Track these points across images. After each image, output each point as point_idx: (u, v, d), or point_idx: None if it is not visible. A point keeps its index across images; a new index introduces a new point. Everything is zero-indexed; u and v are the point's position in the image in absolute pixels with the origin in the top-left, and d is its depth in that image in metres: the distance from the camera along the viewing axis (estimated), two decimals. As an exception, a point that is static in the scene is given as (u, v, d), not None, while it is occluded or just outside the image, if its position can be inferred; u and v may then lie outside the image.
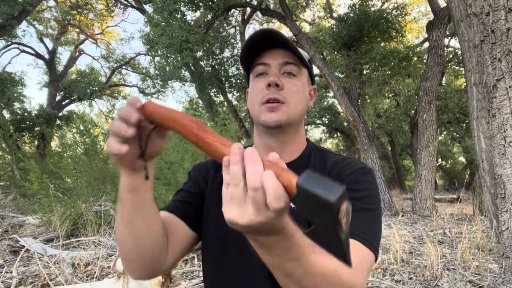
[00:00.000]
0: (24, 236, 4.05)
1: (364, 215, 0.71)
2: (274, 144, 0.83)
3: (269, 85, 0.77)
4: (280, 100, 0.77)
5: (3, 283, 2.58)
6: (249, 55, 0.82)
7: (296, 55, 0.81)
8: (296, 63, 0.81)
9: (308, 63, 0.85)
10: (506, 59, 2.26)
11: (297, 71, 0.81)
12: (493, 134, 2.39)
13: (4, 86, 11.39)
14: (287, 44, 0.78)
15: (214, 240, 0.81)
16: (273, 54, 0.80)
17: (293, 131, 0.84)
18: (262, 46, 0.80)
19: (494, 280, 2.40)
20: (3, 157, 8.76)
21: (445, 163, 18.11)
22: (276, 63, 0.80)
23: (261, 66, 0.81)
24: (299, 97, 0.81)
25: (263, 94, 0.78)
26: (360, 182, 0.76)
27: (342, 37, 8.53)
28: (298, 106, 0.81)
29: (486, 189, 3.53)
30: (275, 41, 0.78)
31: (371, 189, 0.76)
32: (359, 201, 0.72)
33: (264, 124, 0.79)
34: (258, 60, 0.82)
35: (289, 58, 0.80)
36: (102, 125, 14.74)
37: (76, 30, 15.49)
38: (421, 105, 6.81)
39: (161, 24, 7.76)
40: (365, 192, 0.75)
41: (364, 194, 0.74)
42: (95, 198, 4.83)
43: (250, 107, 0.84)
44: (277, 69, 0.80)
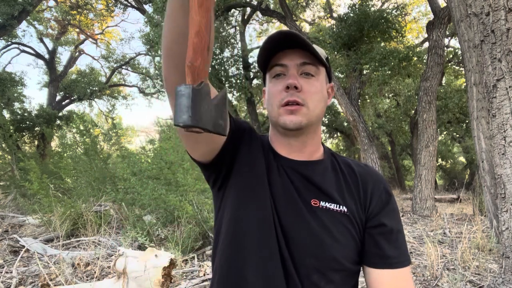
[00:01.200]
0: (24, 236, 4.05)
1: (403, 238, 0.80)
2: (295, 143, 0.84)
3: (288, 87, 0.77)
4: (300, 102, 0.77)
5: (3, 283, 2.58)
6: (267, 55, 0.82)
7: (313, 54, 0.80)
8: (313, 63, 0.81)
9: (326, 61, 0.85)
10: (506, 59, 2.26)
11: (315, 71, 0.81)
12: (493, 134, 2.39)
13: (4, 86, 11.38)
14: (305, 44, 0.78)
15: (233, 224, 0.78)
16: (290, 54, 0.80)
17: (312, 132, 0.84)
18: (279, 46, 0.80)
19: (494, 280, 2.40)
20: (3, 157, 8.76)
21: (445, 163, 18.11)
22: (294, 64, 0.79)
23: (279, 67, 0.81)
24: (318, 98, 0.81)
25: (282, 97, 0.78)
26: (393, 203, 0.82)
27: (342, 37, 8.53)
28: (318, 107, 0.81)
29: (486, 189, 3.53)
30: (293, 42, 0.78)
31: (398, 212, 0.84)
32: (398, 223, 0.80)
33: (284, 127, 0.79)
34: (275, 60, 0.82)
35: (306, 58, 0.80)
36: (102, 125, 14.74)
37: (76, 30, 15.49)
38: (421, 105, 6.81)
39: (161, 24, 7.76)
40: (397, 213, 0.82)
41: (398, 217, 0.82)
42: (95, 198, 4.83)
43: (268, 109, 0.84)
44: (295, 70, 0.79)
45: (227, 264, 0.77)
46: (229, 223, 0.78)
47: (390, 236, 0.78)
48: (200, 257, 3.43)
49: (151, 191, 3.83)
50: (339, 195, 0.80)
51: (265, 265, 0.73)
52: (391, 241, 0.78)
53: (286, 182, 0.79)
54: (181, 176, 4.09)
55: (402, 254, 0.77)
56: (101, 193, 4.76)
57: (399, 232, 0.79)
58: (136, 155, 5.34)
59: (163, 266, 2.13)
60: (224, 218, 0.80)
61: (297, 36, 0.76)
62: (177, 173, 4.20)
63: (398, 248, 0.77)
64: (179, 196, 3.85)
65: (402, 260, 0.76)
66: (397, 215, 0.82)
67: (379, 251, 0.77)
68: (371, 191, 0.81)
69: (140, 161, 4.90)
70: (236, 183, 0.80)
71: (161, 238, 3.72)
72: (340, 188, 0.82)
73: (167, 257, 2.18)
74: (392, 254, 0.77)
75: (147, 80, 16.13)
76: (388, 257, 0.76)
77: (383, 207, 0.80)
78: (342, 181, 0.83)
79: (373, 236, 0.79)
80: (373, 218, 0.80)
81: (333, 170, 0.85)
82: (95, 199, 4.80)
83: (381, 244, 0.78)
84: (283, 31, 0.77)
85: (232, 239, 0.77)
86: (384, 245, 0.78)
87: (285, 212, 0.76)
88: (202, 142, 0.74)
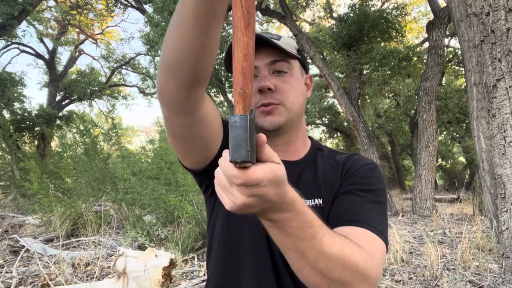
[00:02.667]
0: (24, 236, 4.05)
1: (375, 207, 0.71)
2: (279, 143, 0.81)
3: (261, 90, 0.74)
4: (274, 103, 0.75)
5: (3, 283, 2.58)
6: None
7: (282, 51, 0.77)
8: (284, 59, 0.77)
9: (297, 53, 0.81)
10: (506, 59, 2.26)
11: (287, 66, 0.78)
12: (493, 134, 2.39)
13: (4, 86, 11.37)
14: (271, 42, 0.75)
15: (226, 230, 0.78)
16: (258, 54, 0.75)
17: (295, 129, 0.81)
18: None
19: (494, 280, 2.40)
20: (3, 157, 8.76)
21: (445, 163, 18.10)
22: (264, 64, 0.76)
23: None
24: (295, 95, 0.78)
25: (256, 100, 0.75)
26: (371, 177, 0.77)
27: (342, 37, 8.53)
28: (295, 104, 0.78)
29: (486, 189, 3.53)
30: (259, 42, 0.73)
31: (381, 184, 0.77)
32: (371, 193, 0.73)
33: (263, 129, 0.76)
34: None
35: (275, 56, 0.76)
36: (102, 125, 14.74)
37: (76, 30, 15.48)
38: (421, 105, 6.81)
39: (161, 24, 7.76)
40: (376, 185, 0.75)
41: (376, 188, 0.75)
42: (95, 198, 4.83)
43: None
44: (266, 70, 0.76)
45: (221, 269, 0.78)
46: (221, 229, 0.79)
47: (350, 198, 0.73)
48: (200, 257, 3.43)
49: (151, 191, 3.83)
50: (315, 188, 0.78)
51: (258, 270, 0.74)
52: (350, 201, 0.72)
53: None
54: (181, 176, 4.09)
55: (360, 215, 0.68)
56: (101, 193, 4.76)
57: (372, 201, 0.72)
58: (136, 155, 5.34)
59: (163, 266, 2.13)
60: (217, 224, 0.81)
61: (260, 36, 0.72)
62: (177, 173, 4.20)
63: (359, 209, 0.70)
64: (179, 196, 3.85)
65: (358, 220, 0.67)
66: (374, 184, 0.75)
67: (335, 212, 0.73)
68: (347, 169, 0.79)
69: (140, 161, 4.90)
70: None
71: (161, 238, 3.72)
72: (317, 180, 0.80)
73: (167, 257, 2.18)
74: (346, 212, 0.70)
75: (147, 80, 16.14)
76: (342, 215, 0.70)
77: (351, 175, 0.77)
78: (320, 174, 0.81)
79: (335, 202, 0.75)
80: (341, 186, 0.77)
81: (313, 166, 0.83)
82: (95, 199, 4.80)
83: (337, 204, 0.74)
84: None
85: (225, 245, 0.78)
86: (340, 204, 0.73)
87: None
88: (196, 151, 0.71)
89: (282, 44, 0.76)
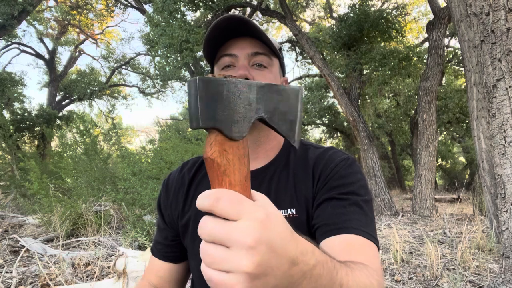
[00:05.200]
0: (24, 236, 4.05)
1: (359, 208, 0.67)
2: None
3: None
4: None
5: (3, 283, 2.58)
6: (214, 45, 0.72)
7: (266, 44, 0.72)
8: (266, 53, 0.73)
9: (279, 52, 0.77)
10: (506, 59, 2.26)
11: (268, 62, 0.74)
12: (493, 134, 2.39)
13: (4, 86, 11.37)
14: (256, 32, 0.69)
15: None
16: (240, 43, 0.71)
17: (266, 128, 0.72)
18: (228, 34, 0.70)
19: (494, 280, 2.40)
20: (3, 157, 8.75)
21: (445, 163, 18.10)
22: (245, 54, 0.71)
23: (227, 58, 0.72)
24: None
25: None
26: (349, 175, 0.71)
27: (342, 37, 8.53)
28: None
29: (486, 189, 3.53)
30: (243, 30, 0.69)
31: (361, 180, 0.72)
32: (352, 194, 0.68)
33: None
34: (224, 50, 0.72)
35: (258, 48, 0.72)
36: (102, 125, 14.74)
37: (76, 30, 15.48)
38: (421, 105, 6.81)
39: (161, 24, 7.76)
40: (356, 184, 0.70)
41: (356, 187, 0.70)
42: (95, 198, 4.83)
43: None
44: (246, 61, 0.71)
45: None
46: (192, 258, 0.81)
47: (332, 204, 0.67)
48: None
49: (151, 191, 3.83)
50: (287, 196, 0.73)
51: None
52: (332, 208, 0.67)
53: None
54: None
55: (346, 221, 0.64)
56: (101, 193, 4.76)
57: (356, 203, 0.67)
58: (136, 155, 5.34)
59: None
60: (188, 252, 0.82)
61: (247, 22, 0.66)
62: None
63: (344, 215, 0.65)
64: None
65: (345, 226, 0.63)
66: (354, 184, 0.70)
67: (319, 221, 0.67)
68: (320, 171, 0.73)
69: (140, 161, 4.90)
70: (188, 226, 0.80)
71: (161, 238, 3.71)
72: (289, 187, 0.74)
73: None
74: (332, 221, 0.65)
75: (147, 80, 16.14)
76: (328, 224, 0.65)
77: (327, 178, 0.71)
78: (291, 178, 0.75)
79: (317, 211, 0.69)
80: (318, 195, 0.71)
81: (283, 169, 0.77)
82: (95, 199, 4.80)
83: (319, 214, 0.68)
84: (230, 16, 0.66)
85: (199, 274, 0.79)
86: (323, 213, 0.67)
87: None
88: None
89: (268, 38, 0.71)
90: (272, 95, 0.43)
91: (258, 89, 0.41)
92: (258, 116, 0.41)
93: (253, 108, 0.41)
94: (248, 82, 0.40)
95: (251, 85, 0.40)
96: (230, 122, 0.38)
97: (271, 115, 0.43)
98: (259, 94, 0.41)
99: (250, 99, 0.40)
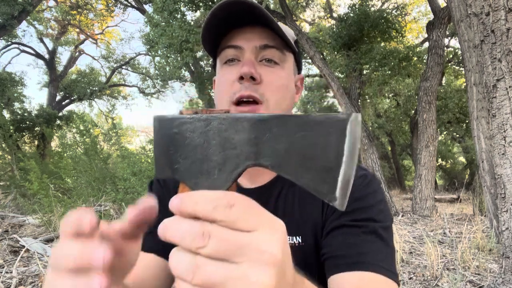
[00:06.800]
0: (24, 236, 4.05)
1: (378, 238, 0.57)
2: None
3: (242, 78, 0.57)
4: (257, 98, 0.57)
5: (3, 283, 2.58)
6: (216, 34, 0.60)
7: (278, 34, 0.59)
8: (278, 46, 0.60)
9: (295, 45, 0.64)
10: (506, 59, 2.26)
11: (280, 57, 0.61)
12: (493, 134, 2.39)
13: (4, 86, 11.38)
14: (267, 20, 0.55)
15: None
16: (247, 34, 0.59)
17: None
18: (232, 22, 0.58)
19: (494, 280, 2.40)
20: (3, 157, 8.76)
21: (445, 163, 18.10)
22: (252, 47, 0.59)
23: (232, 50, 0.60)
24: (283, 93, 0.61)
25: (234, 90, 0.58)
26: (366, 197, 0.60)
27: (342, 37, 8.53)
28: (282, 106, 0.61)
29: (486, 189, 3.53)
30: (250, 16, 0.56)
31: (380, 201, 0.61)
32: (371, 221, 0.58)
33: None
34: (228, 41, 0.60)
35: (269, 40, 0.59)
36: (102, 125, 14.74)
37: (76, 30, 15.48)
38: (421, 105, 6.81)
39: (161, 24, 7.76)
40: (375, 208, 0.60)
41: (375, 211, 0.59)
42: (95, 198, 4.83)
43: (217, 106, 0.62)
44: (253, 55, 0.59)
45: None
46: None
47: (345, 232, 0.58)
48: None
49: (151, 191, 3.83)
50: (292, 222, 0.62)
51: None
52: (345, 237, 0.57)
53: None
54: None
55: (362, 254, 0.54)
56: (101, 193, 4.76)
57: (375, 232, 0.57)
58: (136, 155, 5.34)
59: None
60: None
61: (256, 7, 0.53)
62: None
63: (359, 247, 0.55)
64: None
65: (361, 261, 0.53)
66: (372, 207, 0.60)
67: (330, 252, 0.57)
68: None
69: (140, 161, 4.90)
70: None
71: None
72: (294, 209, 0.63)
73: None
74: (344, 252, 0.55)
75: (147, 80, 16.14)
76: (340, 257, 0.55)
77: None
78: (298, 199, 0.64)
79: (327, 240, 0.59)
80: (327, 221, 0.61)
81: (291, 186, 0.65)
82: (95, 199, 4.80)
83: (330, 243, 0.58)
84: (233, 0, 0.53)
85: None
86: (334, 242, 0.57)
87: None
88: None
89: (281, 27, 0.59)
90: (283, 132, 0.28)
91: (254, 125, 0.29)
92: (251, 163, 0.29)
93: (241, 153, 0.29)
94: (233, 117, 0.29)
95: (239, 121, 0.29)
96: (195, 173, 0.30)
97: (279, 162, 0.28)
98: (256, 132, 0.29)
99: (235, 141, 0.29)
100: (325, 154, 0.27)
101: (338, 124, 0.27)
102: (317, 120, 0.27)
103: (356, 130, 0.27)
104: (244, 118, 0.29)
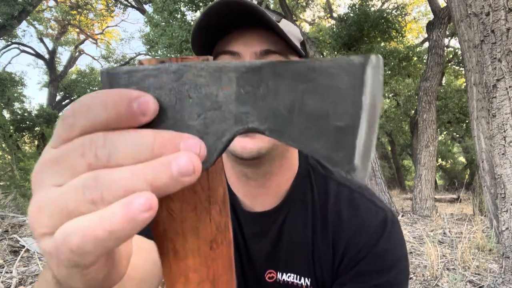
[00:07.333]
0: (24, 236, 4.05)
1: None
2: (254, 176, 0.56)
3: None
4: None
5: (3, 283, 2.58)
6: (210, 37, 0.52)
7: (280, 37, 0.51)
8: (281, 51, 0.52)
9: (301, 47, 0.55)
10: (506, 59, 2.26)
11: None
12: (493, 134, 2.39)
13: (4, 86, 11.39)
14: (267, 21, 0.48)
15: None
16: (246, 38, 0.51)
17: (280, 156, 0.55)
18: (229, 24, 0.50)
19: (494, 280, 2.40)
20: (3, 157, 8.76)
21: (445, 163, 18.11)
22: (251, 53, 0.51)
23: (228, 57, 0.52)
24: None
25: None
26: (387, 255, 0.53)
27: (342, 37, 8.54)
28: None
29: (486, 189, 3.53)
30: (249, 17, 0.49)
31: (402, 258, 0.54)
32: (390, 285, 0.52)
33: (235, 155, 0.51)
34: (224, 46, 0.52)
35: (271, 44, 0.51)
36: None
37: (76, 30, 15.49)
38: (421, 105, 6.82)
39: (161, 24, 7.77)
40: (395, 269, 0.53)
41: (395, 273, 0.53)
42: (95, 198, 4.83)
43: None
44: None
45: None
46: None
47: None
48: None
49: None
50: (304, 261, 0.55)
51: None
52: None
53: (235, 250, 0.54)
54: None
55: None
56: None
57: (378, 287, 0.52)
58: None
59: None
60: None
61: (255, 8, 0.47)
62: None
63: None
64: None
65: None
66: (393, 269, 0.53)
67: None
68: (345, 246, 0.54)
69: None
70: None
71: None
72: (306, 242, 0.56)
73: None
74: None
75: (147, 80, 16.17)
76: None
77: (356, 261, 0.53)
78: (310, 228, 0.56)
79: None
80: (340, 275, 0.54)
81: (299, 212, 0.57)
82: (95, 199, 4.81)
83: None
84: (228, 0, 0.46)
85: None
86: None
87: None
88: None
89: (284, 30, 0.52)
90: (282, 85, 0.21)
91: (243, 76, 0.21)
92: (242, 128, 0.22)
93: (228, 115, 0.22)
94: (215, 66, 0.21)
95: (223, 71, 0.21)
96: None
97: (279, 124, 0.21)
98: (246, 86, 0.21)
99: (219, 98, 0.21)
100: (339, 111, 0.21)
101: (355, 70, 0.21)
102: (326, 66, 0.21)
103: (377, 78, 0.21)
104: (230, 66, 0.21)
